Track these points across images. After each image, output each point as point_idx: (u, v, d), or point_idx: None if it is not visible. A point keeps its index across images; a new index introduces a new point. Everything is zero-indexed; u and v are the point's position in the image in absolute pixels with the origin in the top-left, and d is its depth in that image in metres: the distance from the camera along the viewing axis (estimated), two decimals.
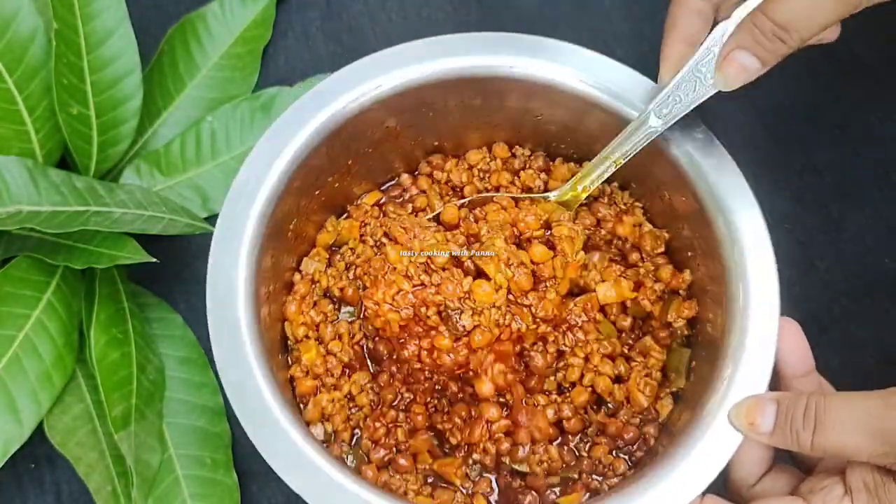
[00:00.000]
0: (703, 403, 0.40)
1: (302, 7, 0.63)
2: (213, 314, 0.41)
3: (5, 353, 0.46)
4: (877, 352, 0.53)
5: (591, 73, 0.45)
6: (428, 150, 0.52)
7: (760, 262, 0.41)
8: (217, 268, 0.42)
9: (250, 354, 0.41)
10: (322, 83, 0.46)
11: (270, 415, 0.40)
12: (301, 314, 0.48)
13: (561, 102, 0.47)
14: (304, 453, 0.39)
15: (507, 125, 0.50)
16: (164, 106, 0.57)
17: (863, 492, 0.35)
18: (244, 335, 0.41)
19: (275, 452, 0.39)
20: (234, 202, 0.44)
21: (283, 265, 0.48)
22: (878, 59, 0.60)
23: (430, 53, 0.46)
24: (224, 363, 0.40)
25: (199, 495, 0.49)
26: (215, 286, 0.42)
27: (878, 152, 0.58)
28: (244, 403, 0.40)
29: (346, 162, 0.48)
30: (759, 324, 0.40)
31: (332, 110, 0.45)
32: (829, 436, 0.35)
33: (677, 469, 0.38)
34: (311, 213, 0.49)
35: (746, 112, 0.59)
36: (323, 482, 0.38)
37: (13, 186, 0.48)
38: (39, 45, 0.51)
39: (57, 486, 0.51)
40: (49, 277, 0.49)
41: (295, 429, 0.40)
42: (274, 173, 0.44)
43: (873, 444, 0.34)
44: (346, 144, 0.47)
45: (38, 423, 0.47)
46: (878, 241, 0.56)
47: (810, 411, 0.35)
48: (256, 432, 0.39)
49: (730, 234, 0.42)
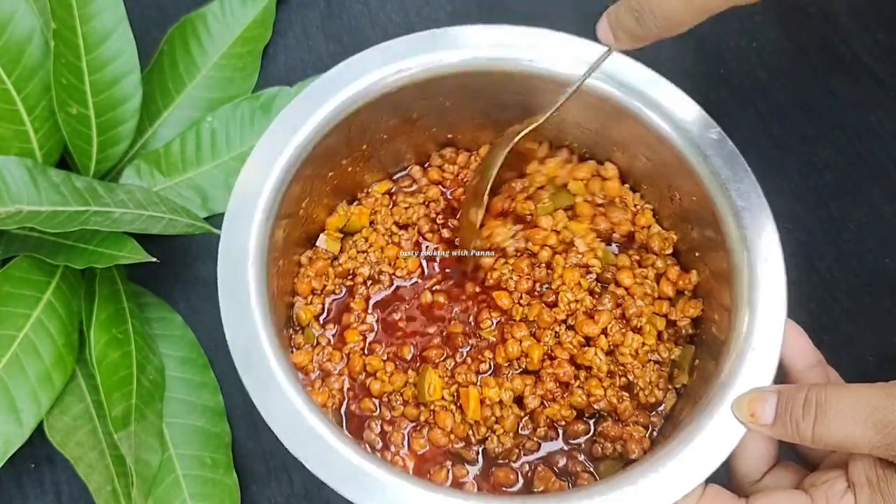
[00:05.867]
0: (706, 397, 0.40)
1: (302, 7, 0.63)
2: (223, 280, 0.41)
3: (5, 353, 0.46)
4: (877, 351, 0.53)
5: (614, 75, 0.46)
6: (440, 143, 0.52)
7: (769, 265, 0.41)
8: (229, 237, 0.42)
9: (258, 322, 0.41)
10: (346, 62, 0.45)
11: (274, 379, 0.39)
12: (311, 293, 0.48)
13: (588, 103, 0.47)
14: (306, 420, 0.39)
15: (519, 121, 0.50)
16: (164, 106, 0.57)
17: (865, 486, 0.35)
18: (253, 302, 0.41)
19: (277, 417, 0.39)
20: (251, 174, 0.43)
21: (294, 242, 0.48)
22: (878, 59, 0.60)
23: (452, 42, 0.46)
24: (233, 330, 0.40)
25: (199, 495, 0.49)
26: (227, 254, 0.42)
27: (878, 152, 0.58)
28: (249, 368, 0.40)
29: (361, 146, 0.48)
30: (765, 325, 0.40)
31: (354, 89, 0.45)
32: (830, 426, 0.35)
33: (678, 457, 0.38)
34: (323, 195, 0.49)
35: (746, 112, 0.59)
36: (323, 449, 0.38)
37: (13, 186, 0.48)
38: (37, 46, 0.51)
39: (57, 486, 0.51)
40: (49, 277, 0.49)
41: (298, 395, 0.39)
42: (291, 148, 0.44)
43: (874, 435, 0.34)
44: (364, 127, 0.47)
45: (38, 423, 0.47)
46: (878, 241, 0.56)
47: (810, 401, 0.35)
48: (260, 397, 0.39)
49: (740, 235, 0.42)
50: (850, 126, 0.59)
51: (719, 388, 0.39)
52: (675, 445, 0.39)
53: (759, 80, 0.61)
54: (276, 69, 0.61)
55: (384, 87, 0.46)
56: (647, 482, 0.38)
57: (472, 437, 0.45)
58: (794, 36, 0.62)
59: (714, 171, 0.44)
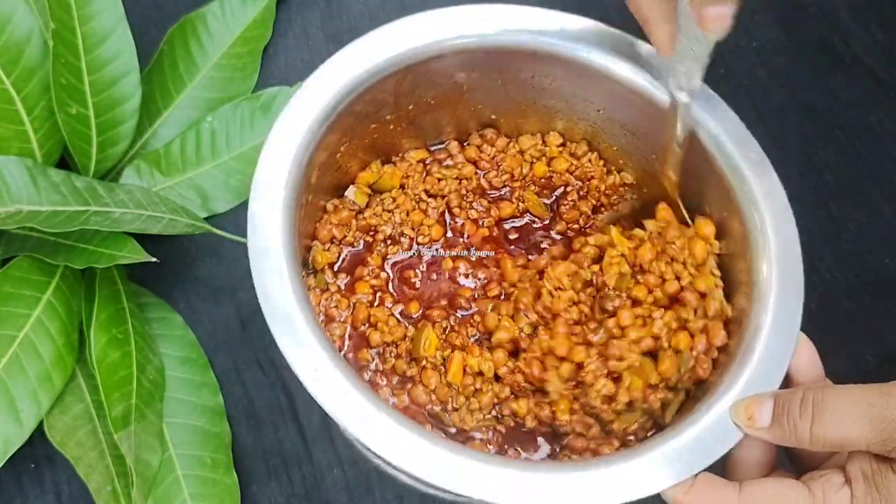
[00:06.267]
0: (707, 401, 0.39)
1: (302, 7, 0.63)
2: (254, 206, 0.41)
3: (5, 353, 0.46)
4: (877, 351, 0.53)
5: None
6: (483, 123, 0.52)
7: (788, 275, 0.41)
8: (264, 168, 0.42)
9: (283, 256, 0.40)
10: (404, 20, 0.45)
11: (296, 320, 0.39)
12: (331, 241, 0.48)
13: (622, 96, 0.47)
14: (326, 362, 0.38)
15: (566, 116, 0.50)
16: (164, 106, 0.57)
17: (860, 479, 0.35)
18: (280, 240, 0.40)
19: (300, 358, 0.38)
20: (298, 106, 0.43)
21: (324, 187, 0.48)
22: (878, 59, 0.60)
23: (513, 19, 0.46)
24: (258, 264, 0.39)
25: (199, 495, 0.49)
26: (258, 185, 0.41)
27: (878, 152, 0.58)
28: (271, 306, 0.39)
29: (408, 106, 0.48)
30: (774, 335, 0.40)
31: (410, 44, 0.45)
32: (828, 425, 0.35)
33: (670, 448, 0.38)
34: (360, 148, 0.48)
35: (747, 112, 0.59)
36: (344, 392, 0.37)
37: (13, 186, 0.48)
38: (36, 46, 0.51)
39: (57, 486, 0.51)
40: (49, 277, 0.49)
41: (318, 338, 0.39)
42: (339, 87, 0.44)
43: (870, 431, 0.34)
44: (413, 87, 0.47)
45: (38, 423, 0.47)
46: (878, 241, 0.56)
47: (807, 402, 0.36)
48: (283, 338, 0.38)
49: (762, 244, 0.42)
50: (850, 126, 0.59)
51: (719, 394, 0.39)
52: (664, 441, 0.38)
53: (759, 80, 0.61)
54: (276, 69, 0.61)
55: (440, 49, 0.45)
56: (643, 461, 0.37)
57: (449, 404, 0.45)
58: (794, 36, 0.62)
59: (741, 179, 0.43)
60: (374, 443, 0.37)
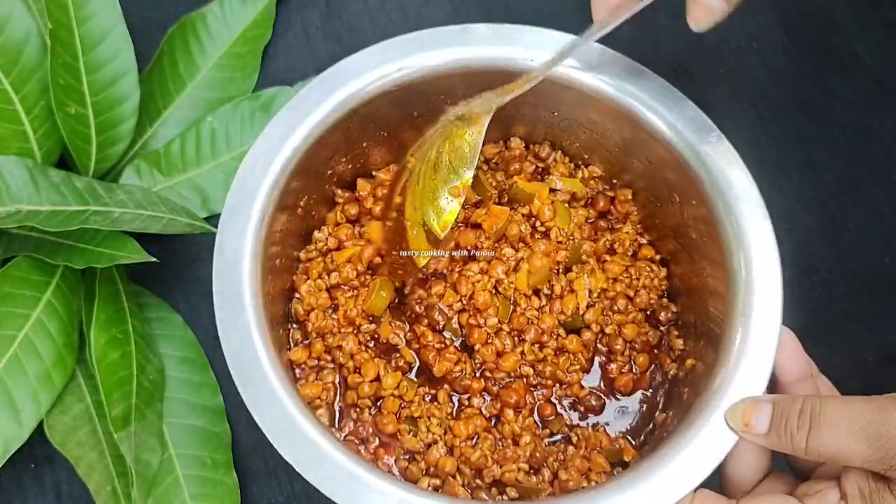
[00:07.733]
0: (698, 406, 0.39)
1: (302, 7, 0.63)
2: (218, 280, 0.41)
3: (5, 353, 0.46)
4: (877, 352, 0.53)
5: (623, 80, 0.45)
6: None
7: (765, 271, 0.41)
8: (225, 235, 0.42)
9: (252, 322, 0.41)
10: (342, 63, 0.46)
11: (267, 382, 0.40)
12: (311, 293, 0.48)
13: (583, 102, 0.47)
14: (297, 422, 0.39)
15: (524, 121, 0.50)
16: (164, 106, 0.57)
17: (857, 498, 0.35)
18: (247, 301, 0.41)
19: (268, 419, 0.39)
20: (248, 172, 0.44)
21: (292, 241, 0.48)
22: (878, 59, 0.60)
23: (452, 41, 0.46)
24: (226, 329, 0.40)
25: (199, 495, 0.49)
26: (222, 252, 0.42)
27: (878, 152, 0.58)
28: (242, 369, 0.40)
29: (362, 144, 0.48)
30: (759, 332, 0.40)
31: (351, 89, 0.45)
32: (824, 438, 0.35)
33: (669, 466, 0.38)
34: (322, 192, 0.49)
35: (747, 112, 0.59)
36: (315, 453, 0.38)
37: (13, 186, 0.48)
38: (34, 46, 0.51)
39: (57, 486, 0.51)
40: (49, 277, 0.49)
41: (289, 397, 0.39)
42: (289, 147, 0.44)
43: (867, 448, 0.34)
44: (363, 125, 0.47)
45: (38, 423, 0.47)
46: (878, 241, 0.56)
47: (805, 413, 0.35)
48: (252, 399, 0.39)
49: (736, 240, 0.42)
50: (850, 126, 0.59)
51: (710, 397, 0.39)
52: (665, 453, 0.38)
53: (759, 80, 0.61)
54: (276, 69, 0.61)
55: (383, 86, 0.46)
56: (636, 492, 0.37)
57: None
58: (794, 36, 0.62)
59: (711, 175, 0.43)
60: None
